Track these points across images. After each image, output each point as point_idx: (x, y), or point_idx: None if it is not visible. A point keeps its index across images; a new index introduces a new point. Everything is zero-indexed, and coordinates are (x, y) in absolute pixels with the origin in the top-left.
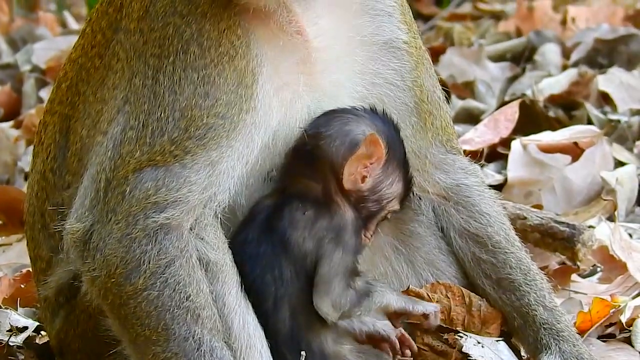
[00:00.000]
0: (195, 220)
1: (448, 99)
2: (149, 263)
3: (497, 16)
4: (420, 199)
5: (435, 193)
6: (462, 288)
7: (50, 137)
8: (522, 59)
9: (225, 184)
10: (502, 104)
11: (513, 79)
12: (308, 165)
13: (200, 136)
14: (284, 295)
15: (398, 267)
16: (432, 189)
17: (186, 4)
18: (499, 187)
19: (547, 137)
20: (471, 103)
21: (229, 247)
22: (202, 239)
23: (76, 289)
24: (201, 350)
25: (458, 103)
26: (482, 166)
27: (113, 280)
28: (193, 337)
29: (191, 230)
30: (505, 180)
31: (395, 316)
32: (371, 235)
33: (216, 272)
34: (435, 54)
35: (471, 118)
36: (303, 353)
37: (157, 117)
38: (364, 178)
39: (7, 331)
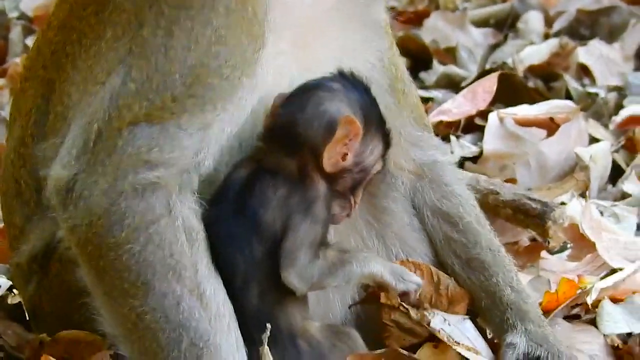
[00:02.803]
0: (181, 184)
1: (429, 64)
2: (134, 218)
3: None
4: (395, 175)
5: (411, 170)
6: (430, 266)
7: (30, 103)
8: (505, 25)
9: (212, 149)
10: (483, 71)
11: (495, 47)
12: (284, 144)
13: (200, 95)
14: (253, 274)
15: (369, 242)
16: (408, 166)
17: None
18: (474, 159)
19: (524, 110)
20: (453, 69)
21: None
22: (186, 204)
23: (49, 255)
24: (180, 308)
25: (440, 69)
26: (458, 137)
27: (94, 230)
28: (173, 294)
29: (178, 193)
30: (481, 152)
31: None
32: (357, 202)
33: (193, 239)
34: (420, 18)
35: (452, 84)
36: (268, 325)
37: (163, 72)
38: (344, 156)
39: None
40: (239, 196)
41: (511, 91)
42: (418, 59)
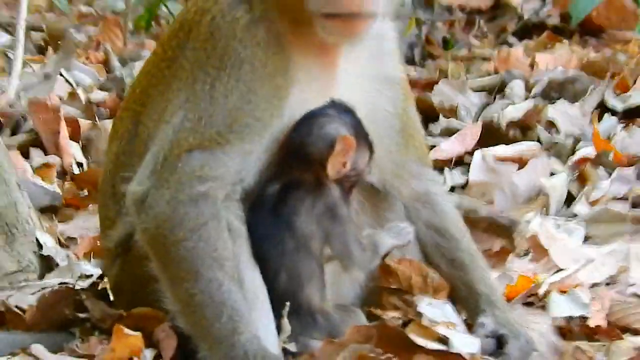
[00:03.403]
0: (226, 195)
1: (437, 118)
2: (189, 221)
3: (486, 58)
4: (396, 197)
5: (410, 195)
6: (420, 263)
7: (124, 127)
8: (495, 90)
9: (252, 169)
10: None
11: (486, 106)
12: (299, 162)
13: (239, 131)
14: (283, 264)
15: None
16: (406, 193)
17: (245, 33)
18: (462, 187)
19: (502, 150)
20: (453, 122)
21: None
22: (229, 209)
23: (131, 242)
24: (221, 290)
25: (444, 122)
26: (451, 170)
27: (160, 231)
28: (216, 280)
29: (223, 202)
30: (467, 181)
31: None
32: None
33: (236, 237)
34: (431, 85)
35: (452, 134)
36: (287, 303)
37: (209, 114)
38: (344, 164)
39: (78, 277)
40: (274, 205)
41: (493, 136)
42: (428, 114)
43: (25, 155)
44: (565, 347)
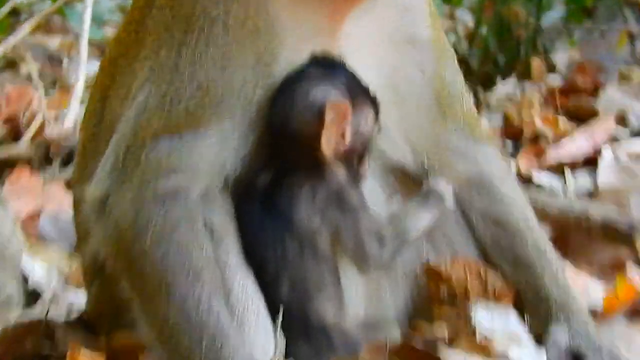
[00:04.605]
0: (204, 188)
1: None
2: (156, 226)
3: None
4: None
5: (457, 180)
6: (479, 264)
7: (92, 106)
8: None
9: (236, 154)
10: None
11: None
12: (288, 142)
13: (214, 107)
14: (284, 269)
15: (417, 241)
16: (453, 176)
17: None
18: (589, 194)
19: (638, 145)
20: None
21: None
22: (210, 206)
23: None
24: (199, 309)
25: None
26: (575, 173)
27: (123, 240)
28: (193, 296)
29: (200, 197)
30: (596, 187)
31: None
32: (367, 166)
33: (220, 237)
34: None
35: None
36: (281, 306)
37: (176, 87)
38: (342, 135)
39: (66, 308)
40: (266, 196)
41: None
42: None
43: None
44: None
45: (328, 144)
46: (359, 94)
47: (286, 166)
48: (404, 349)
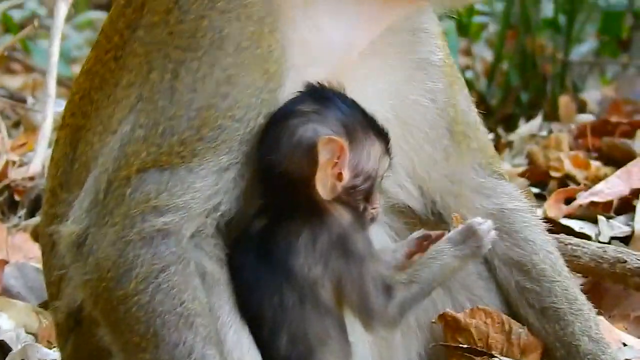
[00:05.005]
0: (196, 229)
1: None
2: (142, 267)
3: None
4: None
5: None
6: (501, 314)
7: (60, 152)
8: None
9: (231, 193)
10: None
11: None
12: (282, 187)
13: (211, 139)
14: (282, 322)
15: (434, 293)
16: (471, 216)
17: (227, 1)
18: (625, 240)
19: None
20: None
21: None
22: (201, 249)
23: (83, 311)
24: (191, 358)
25: None
26: (610, 218)
27: (104, 284)
28: (184, 344)
29: (191, 238)
30: (632, 232)
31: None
32: (378, 206)
33: (212, 284)
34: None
35: None
36: None
37: (169, 116)
38: (339, 176)
39: None
40: (262, 245)
41: None
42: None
43: None
44: None
45: (324, 186)
46: (360, 126)
47: (282, 210)
48: None
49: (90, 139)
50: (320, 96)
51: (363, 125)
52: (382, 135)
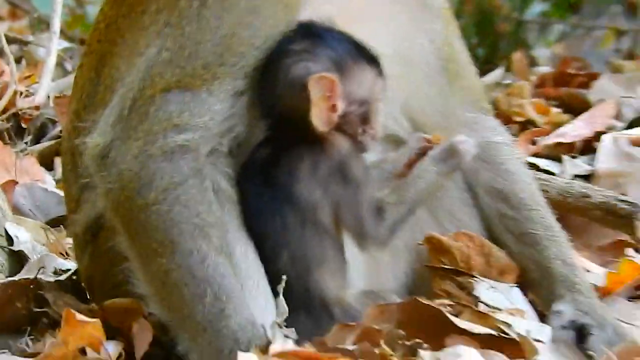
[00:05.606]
0: (212, 149)
1: None
2: (162, 180)
3: None
4: None
5: None
6: (483, 238)
7: (84, 76)
8: None
9: (244, 117)
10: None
11: None
12: (282, 122)
13: (232, 64)
14: (284, 242)
15: (419, 215)
16: None
17: None
18: (587, 178)
19: (638, 131)
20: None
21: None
22: (216, 167)
23: (101, 224)
24: (205, 264)
25: None
26: (573, 157)
27: (126, 194)
28: (198, 252)
29: (207, 156)
30: (594, 170)
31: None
32: (377, 126)
33: (224, 201)
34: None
35: None
36: (284, 277)
37: (195, 41)
38: (333, 107)
39: (53, 273)
40: (267, 170)
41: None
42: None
43: (49, 166)
44: None
45: (320, 120)
46: (350, 57)
47: (284, 140)
48: (410, 306)
49: (116, 63)
50: (311, 34)
51: (353, 55)
52: (373, 61)
